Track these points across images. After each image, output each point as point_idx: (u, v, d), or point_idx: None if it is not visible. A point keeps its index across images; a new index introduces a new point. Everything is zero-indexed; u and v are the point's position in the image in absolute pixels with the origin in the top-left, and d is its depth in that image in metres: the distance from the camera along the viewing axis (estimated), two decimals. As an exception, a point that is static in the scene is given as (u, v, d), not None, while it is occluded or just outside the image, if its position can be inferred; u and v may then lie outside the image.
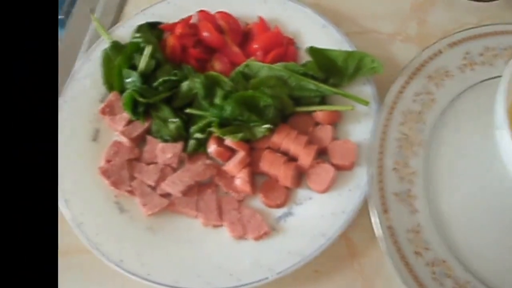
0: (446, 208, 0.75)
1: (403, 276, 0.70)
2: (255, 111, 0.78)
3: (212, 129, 0.78)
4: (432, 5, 0.96)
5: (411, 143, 0.79)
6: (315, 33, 0.89)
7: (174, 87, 0.83)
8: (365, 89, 0.83)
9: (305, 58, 0.87)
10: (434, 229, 0.74)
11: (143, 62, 0.84)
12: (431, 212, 0.75)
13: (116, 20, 0.99)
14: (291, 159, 0.78)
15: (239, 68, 0.84)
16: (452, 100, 0.82)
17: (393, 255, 0.71)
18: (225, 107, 0.78)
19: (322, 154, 0.79)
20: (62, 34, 0.97)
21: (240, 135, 0.77)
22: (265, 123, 0.78)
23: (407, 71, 0.82)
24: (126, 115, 0.84)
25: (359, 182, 0.77)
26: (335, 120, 0.81)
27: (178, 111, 0.82)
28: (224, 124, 0.79)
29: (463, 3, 0.94)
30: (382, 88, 0.83)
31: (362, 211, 0.75)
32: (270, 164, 0.77)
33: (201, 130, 0.79)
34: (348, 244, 0.77)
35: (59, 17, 1.00)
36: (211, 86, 0.81)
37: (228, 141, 0.78)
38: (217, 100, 0.80)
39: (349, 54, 0.83)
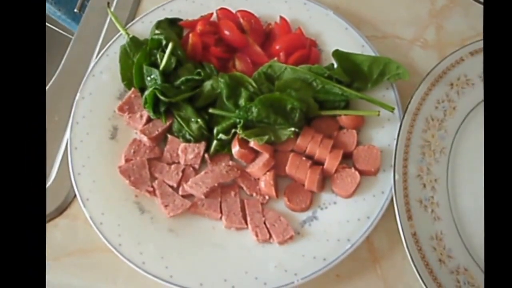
0: (468, 216, 0.76)
1: (427, 284, 0.70)
2: (281, 114, 0.77)
3: (237, 130, 0.77)
4: (449, 11, 0.96)
5: (434, 151, 0.79)
6: (337, 36, 0.89)
7: (197, 87, 0.82)
8: (388, 94, 0.83)
9: (327, 60, 0.87)
10: (457, 236, 0.74)
11: (165, 59, 0.82)
12: (453, 219, 0.76)
13: (132, 14, 0.97)
14: (316, 162, 0.78)
15: (262, 68, 0.83)
16: (473, 108, 0.82)
17: (418, 262, 0.71)
18: (251, 109, 0.77)
19: (345, 158, 0.79)
20: (77, 29, 0.95)
21: (265, 137, 0.76)
22: (291, 126, 0.77)
23: (430, 78, 0.82)
24: (145, 113, 0.83)
25: (383, 187, 0.77)
26: (359, 125, 0.81)
27: (200, 111, 0.81)
28: (249, 125, 0.78)
29: (479, 10, 0.95)
30: (402, 94, 0.84)
31: (383, 216, 0.76)
32: (296, 168, 0.76)
33: (225, 131, 0.78)
34: (369, 248, 0.77)
35: (74, 10, 0.97)
36: (235, 86, 0.80)
37: (252, 143, 0.77)
38: (242, 101, 0.79)
39: (374, 59, 0.83)
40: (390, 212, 0.75)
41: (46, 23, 1.26)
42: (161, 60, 0.83)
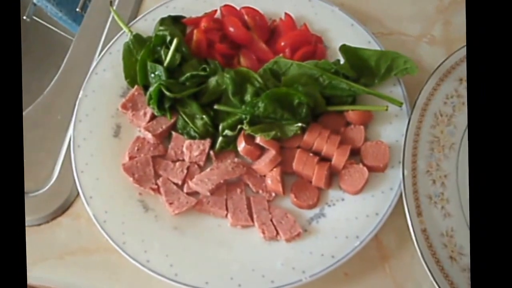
0: (479, 212, 0.74)
1: (438, 282, 0.69)
2: (288, 109, 0.76)
3: (244, 126, 0.76)
4: (456, 6, 0.95)
5: (443, 146, 0.78)
6: (343, 32, 0.88)
7: (202, 83, 0.81)
8: (395, 90, 0.82)
9: (333, 57, 0.86)
10: (468, 234, 0.73)
11: (169, 55, 0.81)
12: (464, 216, 0.74)
13: (135, 12, 0.96)
14: (323, 159, 0.77)
15: (268, 65, 0.82)
16: (482, 103, 0.81)
17: (428, 259, 0.70)
18: (258, 104, 0.75)
19: (353, 154, 0.77)
20: (78, 29, 0.94)
21: (272, 133, 0.75)
22: (298, 122, 0.76)
23: (439, 73, 0.81)
24: (149, 110, 0.81)
25: (391, 184, 0.75)
26: (367, 121, 0.79)
27: (205, 107, 0.80)
28: (255, 122, 0.77)
29: (487, 6, 0.94)
30: (409, 90, 0.82)
31: (391, 214, 0.74)
32: (303, 164, 0.75)
33: (231, 128, 0.77)
34: (378, 246, 0.76)
35: (76, 9, 0.97)
36: (241, 82, 0.79)
37: (259, 139, 0.76)
38: (248, 97, 0.78)
39: (382, 54, 0.81)
40: (398, 210, 0.74)
41: (47, 25, 1.25)
42: (165, 56, 0.82)
